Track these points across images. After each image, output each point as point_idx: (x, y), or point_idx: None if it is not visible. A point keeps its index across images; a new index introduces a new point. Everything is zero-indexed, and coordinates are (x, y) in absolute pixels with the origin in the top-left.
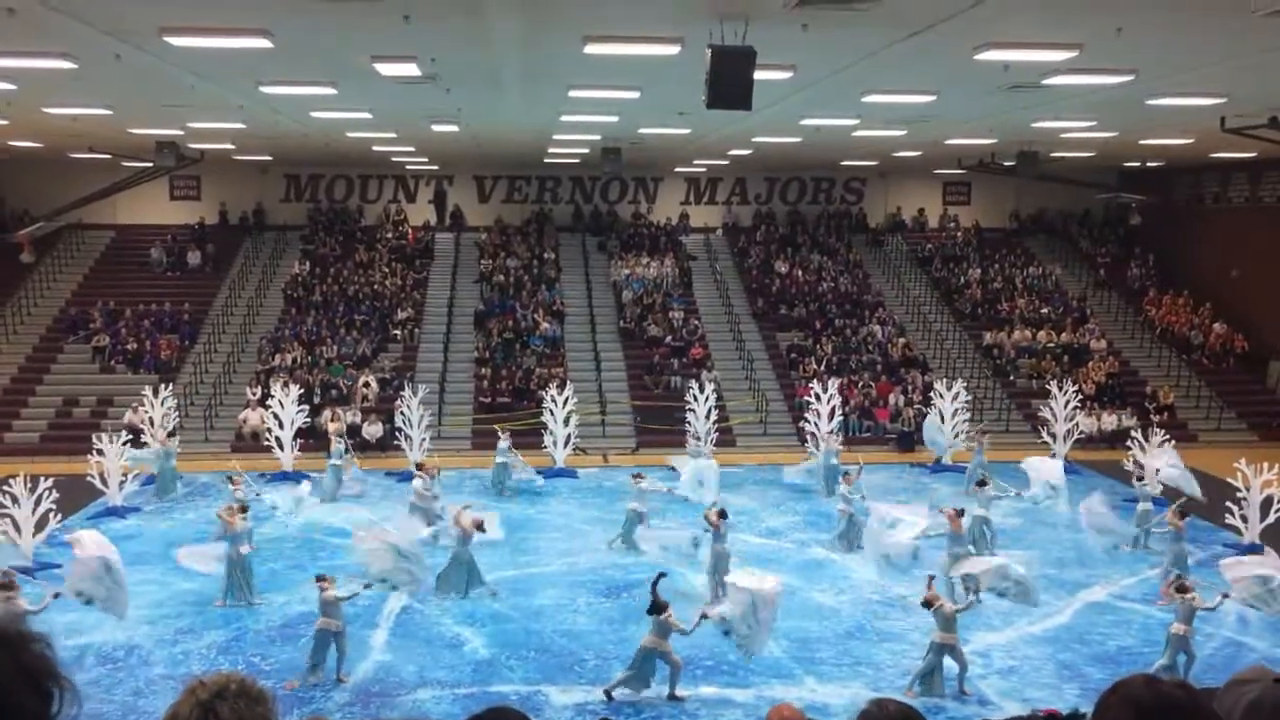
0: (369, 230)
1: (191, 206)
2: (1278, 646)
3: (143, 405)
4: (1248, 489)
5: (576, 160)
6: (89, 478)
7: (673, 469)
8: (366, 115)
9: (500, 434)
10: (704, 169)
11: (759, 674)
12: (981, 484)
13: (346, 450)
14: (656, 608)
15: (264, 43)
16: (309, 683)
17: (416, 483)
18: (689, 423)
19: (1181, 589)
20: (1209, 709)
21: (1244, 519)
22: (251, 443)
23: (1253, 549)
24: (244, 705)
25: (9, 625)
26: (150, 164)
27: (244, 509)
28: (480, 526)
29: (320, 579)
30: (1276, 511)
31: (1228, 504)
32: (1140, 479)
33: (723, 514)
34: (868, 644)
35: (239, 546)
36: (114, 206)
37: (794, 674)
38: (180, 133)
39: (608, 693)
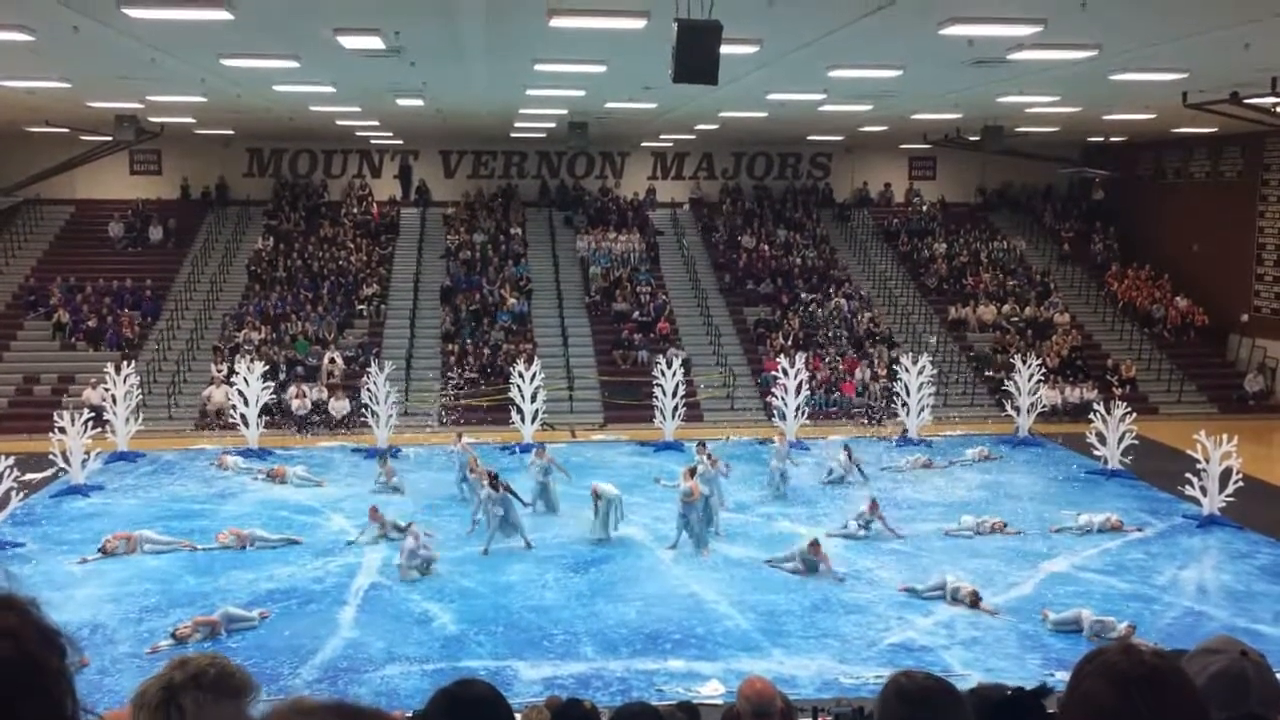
0: (333, 205)
1: (150, 181)
2: (1238, 616)
3: (103, 382)
4: (1207, 461)
5: (543, 135)
6: (51, 456)
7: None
8: (330, 89)
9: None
10: (670, 144)
11: (727, 647)
12: None
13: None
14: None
15: (224, 14)
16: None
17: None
18: (656, 398)
19: None
20: (1186, 676)
21: (1203, 490)
22: (216, 420)
23: (1212, 521)
24: (209, 699)
25: (15, 591)
26: (109, 138)
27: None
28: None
29: None
30: (1235, 483)
31: (1187, 475)
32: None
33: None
34: (834, 616)
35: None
36: (73, 181)
37: (761, 646)
38: (140, 106)
39: None
